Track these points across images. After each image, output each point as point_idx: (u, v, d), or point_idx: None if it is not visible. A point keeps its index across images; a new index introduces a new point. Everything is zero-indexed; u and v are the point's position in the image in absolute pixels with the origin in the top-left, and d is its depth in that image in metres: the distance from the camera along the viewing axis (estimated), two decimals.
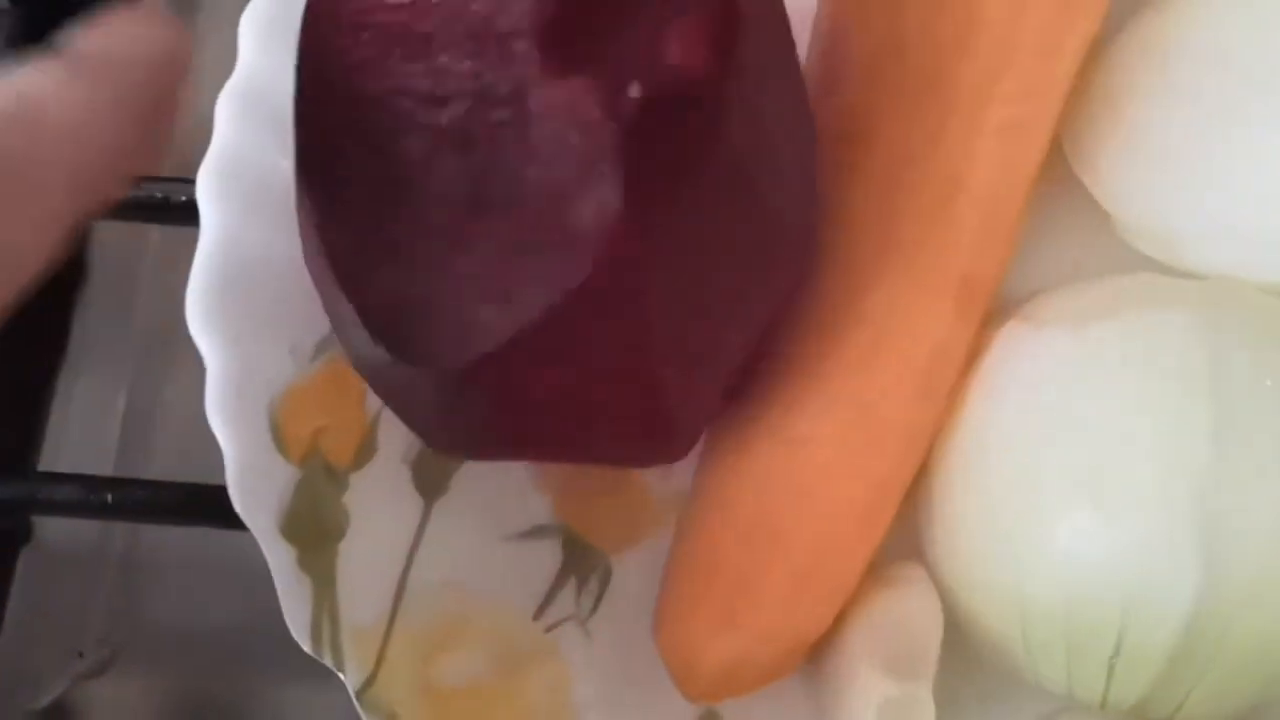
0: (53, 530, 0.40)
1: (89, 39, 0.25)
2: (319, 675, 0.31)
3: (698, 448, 0.32)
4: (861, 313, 0.30)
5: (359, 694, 0.29)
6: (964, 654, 0.32)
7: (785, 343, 0.30)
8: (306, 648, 0.29)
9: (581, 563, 0.33)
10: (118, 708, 0.39)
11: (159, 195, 0.37)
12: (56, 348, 0.41)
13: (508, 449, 0.27)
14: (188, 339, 0.30)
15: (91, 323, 0.42)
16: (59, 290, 0.41)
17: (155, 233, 0.42)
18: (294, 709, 0.40)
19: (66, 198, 0.24)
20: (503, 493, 0.33)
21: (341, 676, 0.29)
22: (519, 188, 0.24)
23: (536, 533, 0.33)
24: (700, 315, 0.26)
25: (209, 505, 0.34)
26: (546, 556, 0.33)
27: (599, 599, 0.33)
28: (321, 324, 0.31)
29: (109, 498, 0.35)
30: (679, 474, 0.33)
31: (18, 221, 0.22)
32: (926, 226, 0.30)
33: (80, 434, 0.41)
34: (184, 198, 0.36)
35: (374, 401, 0.32)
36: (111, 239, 0.42)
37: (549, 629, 0.32)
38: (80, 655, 0.39)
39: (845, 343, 0.30)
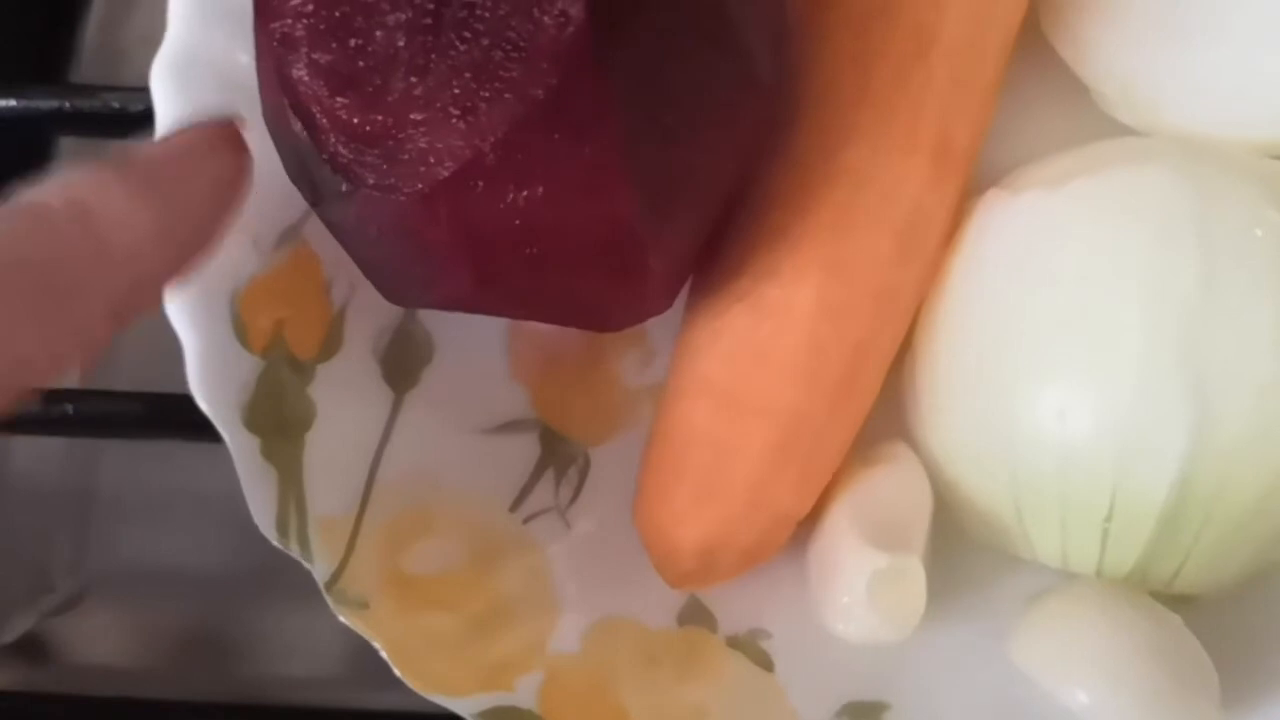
0: (20, 462, 0.39)
1: (156, 154, 0.25)
2: (293, 600, 0.30)
3: (675, 330, 0.31)
4: (835, 172, 0.29)
5: (327, 586, 0.28)
6: (957, 537, 0.31)
7: (760, 205, 0.30)
8: (272, 539, 0.29)
9: (560, 455, 0.32)
10: (91, 641, 0.39)
11: (115, 105, 0.36)
12: None
13: (468, 294, 0.26)
14: None
15: None
16: None
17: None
18: (268, 635, 0.39)
19: (103, 322, 0.23)
20: (477, 386, 0.32)
21: (309, 568, 0.29)
22: (480, 8, 0.24)
23: (512, 426, 0.32)
24: (667, 142, 0.25)
25: (172, 415, 0.33)
26: (523, 449, 0.32)
27: (579, 489, 0.32)
28: (284, 215, 0.31)
29: (69, 409, 0.34)
30: (656, 366, 0.33)
31: (47, 335, 0.22)
32: (898, 82, 0.29)
33: None
34: (141, 107, 0.35)
35: (340, 294, 0.31)
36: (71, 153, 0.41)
37: (526, 520, 0.31)
38: (51, 589, 0.38)
39: (819, 204, 0.29)
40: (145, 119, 0.31)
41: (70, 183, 0.24)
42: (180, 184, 0.25)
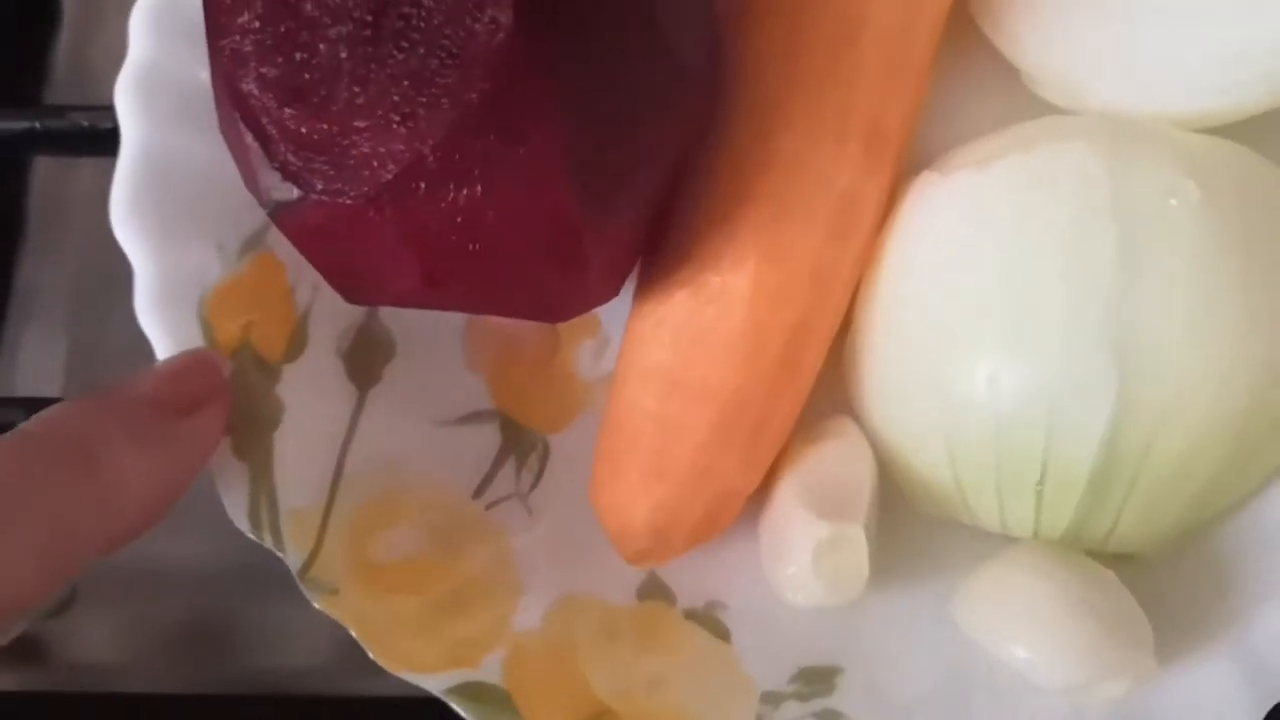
0: None
1: (160, 399, 0.28)
2: (278, 593, 0.31)
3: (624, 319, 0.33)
4: (769, 160, 0.30)
5: (300, 574, 0.30)
6: (904, 507, 0.33)
7: (701, 193, 0.31)
8: (246, 531, 0.30)
9: (520, 443, 0.34)
10: (82, 643, 0.40)
11: (84, 124, 0.37)
12: None
13: (418, 291, 0.27)
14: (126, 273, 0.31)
15: (30, 268, 0.42)
16: None
17: (88, 167, 0.43)
18: (256, 628, 0.40)
19: (92, 557, 0.26)
20: (437, 380, 0.33)
21: (282, 557, 0.30)
22: (416, 19, 0.25)
23: (473, 418, 0.34)
24: (600, 138, 0.26)
25: None
26: (484, 439, 0.33)
27: (539, 475, 0.33)
28: (247, 221, 0.32)
29: None
30: (609, 354, 0.34)
31: (42, 569, 0.25)
32: (829, 68, 0.30)
33: (26, 375, 0.41)
34: (109, 124, 0.36)
35: (304, 297, 0.32)
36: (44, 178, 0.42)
37: (489, 506, 0.33)
38: None
39: (755, 191, 0.30)
40: (113, 136, 0.32)
41: (80, 422, 0.27)
42: (180, 437, 0.28)
